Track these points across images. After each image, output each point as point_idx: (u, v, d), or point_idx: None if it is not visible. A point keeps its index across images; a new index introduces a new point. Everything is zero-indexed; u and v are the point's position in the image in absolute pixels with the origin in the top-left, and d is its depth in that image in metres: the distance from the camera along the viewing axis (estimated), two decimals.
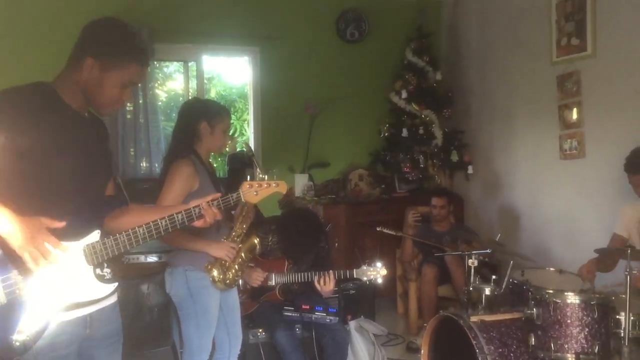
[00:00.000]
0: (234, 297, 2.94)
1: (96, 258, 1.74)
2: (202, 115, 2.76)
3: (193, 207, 1.91)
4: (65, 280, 1.69)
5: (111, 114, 1.93)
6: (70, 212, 1.70)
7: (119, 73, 1.79)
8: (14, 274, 1.58)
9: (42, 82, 1.78)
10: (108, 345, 1.91)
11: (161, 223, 1.84)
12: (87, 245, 1.73)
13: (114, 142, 5.06)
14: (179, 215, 1.88)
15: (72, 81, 1.78)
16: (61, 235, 1.65)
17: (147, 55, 1.89)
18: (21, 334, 1.59)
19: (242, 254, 2.75)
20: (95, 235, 1.76)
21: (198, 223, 1.95)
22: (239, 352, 3.02)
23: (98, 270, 1.77)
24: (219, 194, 2.01)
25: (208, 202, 1.94)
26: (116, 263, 1.86)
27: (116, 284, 1.84)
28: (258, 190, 2.10)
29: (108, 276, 1.80)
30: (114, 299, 1.92)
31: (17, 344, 1.58)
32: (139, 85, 5.14)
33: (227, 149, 6.84)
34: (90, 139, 1.85)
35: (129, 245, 1.78)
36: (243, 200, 2.11)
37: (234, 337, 2.97)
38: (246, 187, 2.11)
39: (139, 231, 1.79)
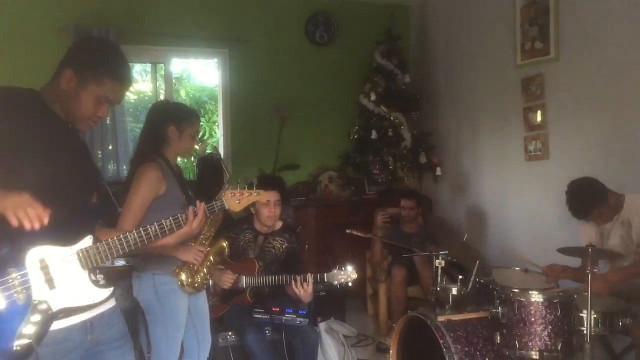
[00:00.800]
0: (202, 300, 2.93)
1: (90, 263, 1.76)
2: (170, 119, 2.73)
3: (181, 214, 2.01)
4: (62, 284, 1.71)
5: (87, 129, 1.94)
6: (61, 217, 1.71)
7: (95, 88, 1.81)
8: (13, 277, 1.59)
9: (28, 89, 1.82)
10: (116, 347, 1.93)
11: (151, 229, 1.90)
12: (81, 249, 1.75)
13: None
14: (167, 222, 1.96)
15: (54, 92, 1.81)
16: (55, 240, 1.68)
17: (124, 73, 1.89)
18: (22, 339, 1.59)
19: (211, 257, 2.75)
20: (87, 241, 1.77)
21: (186, 229, 2.04)
22: (207, 356, 3.01)
23: (92, 276, 1.79)
24: (202, 205, 2.11)
25: (194, 209, 2.06)
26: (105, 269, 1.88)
27: (112, 288, 1.86)
28: (240, 198, 2.21)
29: (102, 282, 1.82)
30: (112, 302, 1.95)
31: (18, 348, 1.59)
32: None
33: (196, 151, 6.82)
34: (78, 146, 1.89)
35: (122, 249, 1.82)
36: (227, 207, 2.20)
37: (203, 341, 2.95)
38: (229, 196, 2.20)
39: (130, 237, 1.83)
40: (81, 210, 1.82)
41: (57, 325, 1.70)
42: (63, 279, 1.71)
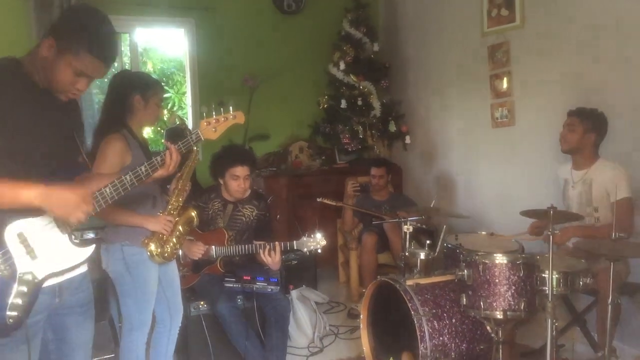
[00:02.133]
0: (173, 270, 2.93)
1: (69, 225, 1.77)
2: (135, 88, 2.69)
3: (155, 158, 1.98)
4: (44, 253, 1.73)
5: (67, 99, 1.89)
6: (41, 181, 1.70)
7: (72, 59, 1.76)
8: None
9: (7, 57, 1.79)
10: (80, 313, 1.95)
11: (126, 179, 1.86)
12: None
13: None
14: (142, 168, 1.92)
15: (34, 60, 1.79)
16: (30, 212, 1.68)
17: (105, 49, 1.82)
18: (13, 310, 1.64)
19: (180, 227, 2.74)
20: None
21: (161, 171, 2.02)
22: (180, 325, 3.03)
23: (72, 238, 1.81)
24: (173, 147, 2.06)
25: (175, 147, 2.04)
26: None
27: (93, 245, 1.87)
28: (216, 126, 2.12)
29: (79, 240, 1.84)
30: (84, 268, 1.96)
31: (11, 320, 1.64)
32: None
33: (165, 122, 6.72)
34: (56, 115, 1.86)
35: (98, 206, 1.80)
36: (203, 138, 2.11)
37: (175, 311, 2.97)
38: (204, 125, 2.12)
39: (106, 191, 1.81)
40: (60, 173, 1.82)
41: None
42: (43, 248, 1.73)
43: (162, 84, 2.83)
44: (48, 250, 1.75)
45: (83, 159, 2.01)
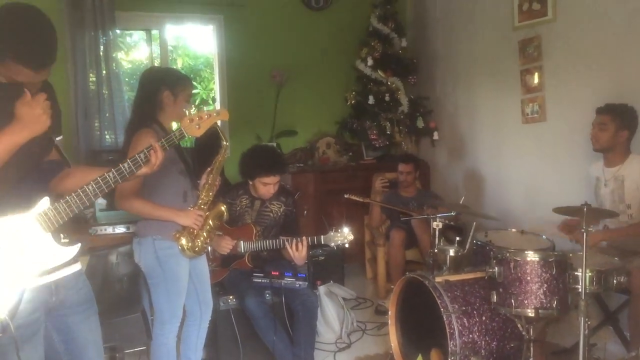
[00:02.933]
0: (203, 264, 2.96)
1: (52, 224, 1.73)
2: (163, 83, 2.71)
3: (137, 154, 1.90)
4: (29, 253, 1.69)
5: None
6: (14, 183, 1.69)
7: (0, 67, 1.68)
8: None
9: None
10: (82, 312, 1.93)
11: (109, 176, 1.81)
12: (39, 213, 1.72)
13: (75, 114, 4.97)
14: (125, 165, 1.85)
15: None
16: (10, 208, 1.65)
17: (31, 57, 1.68)
18: None
19: (210, 222, 2.76)
20: (45, 203, 1.73)
21: (145, 169, 1.94)
22: (209, 319, 3.06)
23: (57, 237, 1.76)
24: (156, 144, 1.98)
25: (159, 145, 1.96)
26: (76, 231, 1.87)
27: (78, 245, 1.82)
28: (199, 123, 2.08)
29: (66, 240, 1.80)
30: (77, 267, 1.94)
31: None
32: (101, 55, 5.06)
33: None
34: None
35: (82, 204, 1.76)
36: (187, 135, 2.09)
37: (205, 305, 3.00)
38: (187, 122, 2.08)
39: (89, 188, 1.76)
40: (34, 173, 1.78)
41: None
42: (28, 246, 1.69)
43: (192, 82, 2.83)
44: (33, 249, 1.71)
45: (57, 154, 1.93)
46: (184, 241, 2.66)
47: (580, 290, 2.60)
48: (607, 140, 3.34)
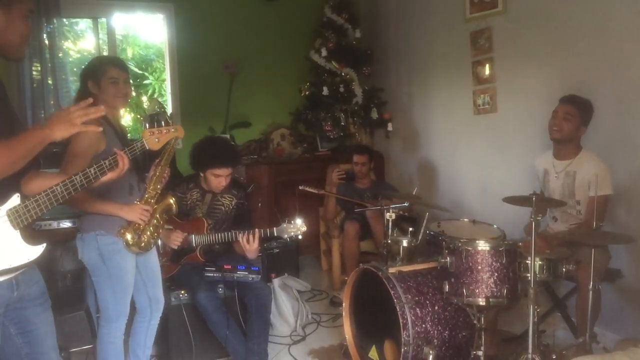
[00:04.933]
0: (153, 260, 2.87)
1: (21, 222, 1.72)
2: (86, 75, 2.67)
3: (104, 160, 1.95)
4: None
5: (23, 55, 1.88)
6: None
7: (20, 7, 1.76)
8: None
9: None
10: (39, 304, 1.94)
11: (76, 179, 1.84)
12: (10, 209, 1.71)
13: (21, 104, 4.79)
14: (92, 170, 1.90)
15: None
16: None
17: None
18: None
19: (157, 216, 2.67)
20: (15, 199, 1.73)
21: (112, 174, 1.99)
22: (160, 316, 2.98)
23: (24, 235, 1.76)
24: (122, 152, 2.05)
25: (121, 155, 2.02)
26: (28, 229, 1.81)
27: (44, 245, 1.82)
28: (159, 137, 2.23)
29: (33, 238, 1.80)
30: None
31: None
32: (47, 43, 4.88)
33: (145, 109, 6.61)
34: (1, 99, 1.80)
35: (50, 204, 1.77)
36: (147, 147, 2.19)
37: (155, 301, 2.92)
38: (147, 135, 2.21)
39: (57, 189, 1.78)
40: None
41: None
42: None
43: (119, 63, 2.73)
44: (0, 246, 1.70)
45: None
46: (129, 237, 2.56)
47: (530, 278, 2.63)
48: (570, 131, 3.31)
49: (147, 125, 2.35)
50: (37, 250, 1.79)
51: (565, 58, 3.81)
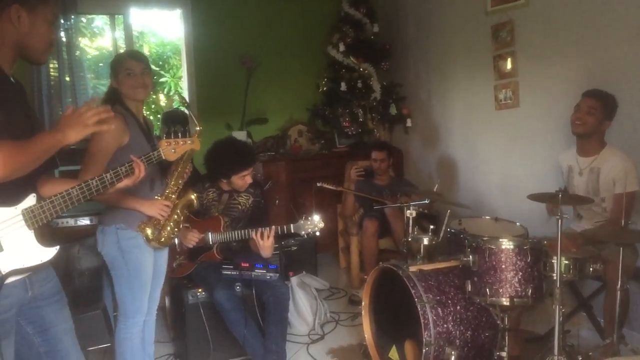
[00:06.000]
0: (163, 259, 2.83)
1: (36, 222, 1.72)
2: (110, 74, 2.68)
3: (120, 167, 1.96)
4: (10, 246, 1.68)
5: (47, 60, 1.87)
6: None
7: (44, 10, 1.75)
8: None
9: None
10: (54, 302, 1.93)
11: (92, 183, 1.85)
12: (25, 209, 1.71)
13: (40, 102, 4.80)
14: (108, 175, 1.91)
15: (1, 39, 1.71)
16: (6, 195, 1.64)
17: None
18: None
19: (178, 211, 2.65)
20: (31, 199, 1.73)
21: (127, 181, 2.00)
22: (154, 317, 2.90)
23: (38, 236, 1.75)
24: (137, 158, 2.06)
25: (137, 162, 2.03)
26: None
27: (57, 247, 1.82)
28: (175, 147, 2.24)
29: (47, 240, 1.79)
30: None
31: None
32: (64, 40, 4.89)
33: (162, 106, 6.62)
34: (19, 101, 1.80)
35: (65, 206, 1.77)
36: (164, 158, 2.20)
37: (152, 301, 2.84)
38: (165, 145, 2.21)
39: (73, 192, 1.78)
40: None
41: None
42: (10, 241, 1.67)
43: (136, 55, 2.73)
44: (14, 245, 1.68)
45: None
46: (149, 232, 2.57)
47: (555, 278, 2.56)
48: (593, 125, 3.22)
49: (166, 125, 2.36)
50: (50, 252, 1.79)
51: (589, 52, 3.71)
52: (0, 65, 1.71)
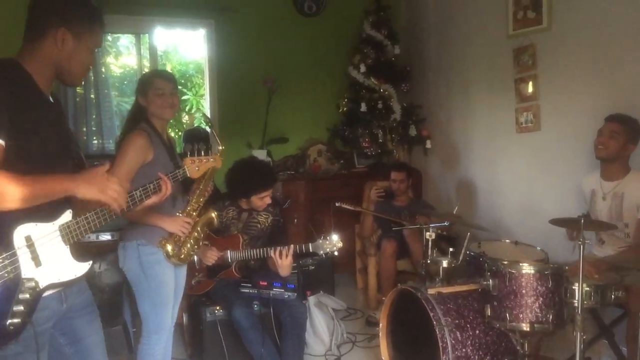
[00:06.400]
0: (182, 276, 2.85)
1: (72, 237, 1.75)
2: (137, 91, 2.74)
3: (149, 184, 2.01)
4: (48, 261, 1.70)
5: (80, 83, 1.93)
6: None
7: (90, 38, 1.79)
8: (2, 257, 1.58)
9: (10, 59, 1.71)
10: (87, 314, 1.97)
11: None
12: (62, 225, 1.73)
13: (66, 118, 4.88)
14: (137, 192, 1.97)
15: (41, 57, 1.74)
16: (37, 216, 1.66)
17: (102, 16, 1.89)
18: (14, 317, 1.60)
19: (198, 228, 2.68)
20: (67, 215, 1.76)
21: (155, 198, 2.07)
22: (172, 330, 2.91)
23: (73, 251, 1.78)
24: (166, 177, 2.12)
25: (165, 180, 2.08)
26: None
27: (90, 262, 1.85)
28: (199, 165, 2.31)
29: (80, 256, 1.82)
30: None
31: (11, 327, 1.59)
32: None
33: (184, 124, 6.70)
34: (57, 119, 1.83)
35: (99, 222, 1.81)
36: (188, 175, 2.27)
37: (172, 316, 2.87)
38: (189, 163, 2.29)
39: (106, 209, 1.82)
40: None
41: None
42: (48, 256, 1.70)
43: (166, 75, 2.79)
44: (51, 260, 1.71)
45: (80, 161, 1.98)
46: (169, 248, 2.60)
47: (577, 304, 2.53)
48: (616, 149, 3.21)
49: (188, 142, 2.42)
50: (84, 267, 1.82)
51: (612, 76, 3.69)
52: (39, 85, 1.73)
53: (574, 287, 2.57)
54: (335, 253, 3.27)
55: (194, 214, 2.67)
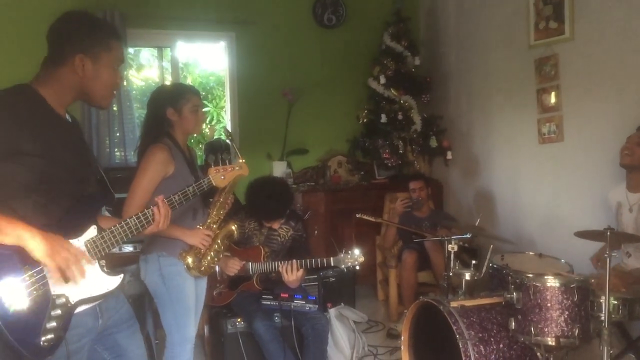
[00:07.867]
0: (202, 288, 2.85)
1: (98, 252, 1.77)
2: (166, 101, 2.70)
3: (147, 210, 1.93)
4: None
5: (109, 105, 1.93)
6: (68, 210, 1.74)
7: (109, 57, 1.80)
8: (30, 275, 1.58)
9: (24, 85, 1.74)
10: (127, 327, 2.00)
11: (148, 212, 1.91)
12: (88, 240, 1.76)
13: (88, 131, 4.95)
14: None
15: (59, 82, 1.75)
16: (63, 233, 1.68)
17: (116, 30, 1.91)
18: (47, 334, 1.60)
19: (219, 241, 2.69)
20: (92, 231, 1.78)
21: (152, 228, 1.94)
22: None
23: (102, 265, 1.81)
24: (160, 197, 2.03)
25: (163, 199, 2.00)
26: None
27: (122, 275, 1.86)
28: (224, 174, 2.30)
29: (108, 270, 1.84)
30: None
31: (45, 344, 1.60)
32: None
33: (205, 136, 6.75)
34: (75, 139, 1.85)
35: (125, 235, 1.83)
36: (214, 184, 2.26)
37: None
38: (214, 172, 2.28)
39: (131, 222, 1.86)
40: (83, 200, 1.81)
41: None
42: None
43: (197, 91, 2.80)
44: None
45: (102, 183, 1.98)
46: (190, 260, 2.60)
47: (603, 318, 2.48)
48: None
49: (209, 154, 2.41)
50: (115, 281, 1.83)
51: (635, 84, 3.64)
52: (52, 107, 1.74)
53: (600, 301, 2.53)
54: (357, 267, 3.26)
55: (215, 226, 2.67)
